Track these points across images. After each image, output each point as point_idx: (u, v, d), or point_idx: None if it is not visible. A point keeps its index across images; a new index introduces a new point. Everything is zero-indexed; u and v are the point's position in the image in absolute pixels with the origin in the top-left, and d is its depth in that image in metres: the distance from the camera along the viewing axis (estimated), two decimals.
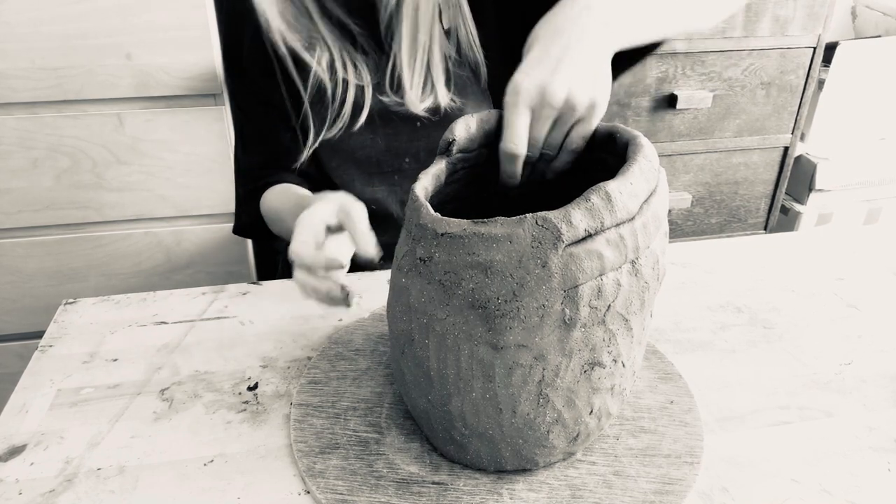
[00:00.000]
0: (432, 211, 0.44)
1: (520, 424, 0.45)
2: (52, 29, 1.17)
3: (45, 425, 0.54)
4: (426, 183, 0.48)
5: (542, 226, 0.40)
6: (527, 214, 0.41)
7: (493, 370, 0.43)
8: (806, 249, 0.79)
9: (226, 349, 0.63)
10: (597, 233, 0.41)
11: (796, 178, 1.83)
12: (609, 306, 0.43)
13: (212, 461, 0.51)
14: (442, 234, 0.42)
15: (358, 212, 0.55)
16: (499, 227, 0.41)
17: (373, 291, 0.70)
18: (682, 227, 1.74)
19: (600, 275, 0.41)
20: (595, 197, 0.41)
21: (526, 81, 0.48)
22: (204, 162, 1.33)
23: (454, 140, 0.49)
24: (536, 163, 0.53)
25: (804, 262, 0.77)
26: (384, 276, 0.73)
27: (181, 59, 1.23)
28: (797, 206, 1.85)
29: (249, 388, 0.58)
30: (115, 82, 1.23)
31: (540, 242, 0.40)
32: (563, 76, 0.48)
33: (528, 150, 0.50)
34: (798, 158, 1.80)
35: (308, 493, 0.49)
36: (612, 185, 0.42)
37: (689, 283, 0.72)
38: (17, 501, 0.48)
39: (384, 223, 0.77)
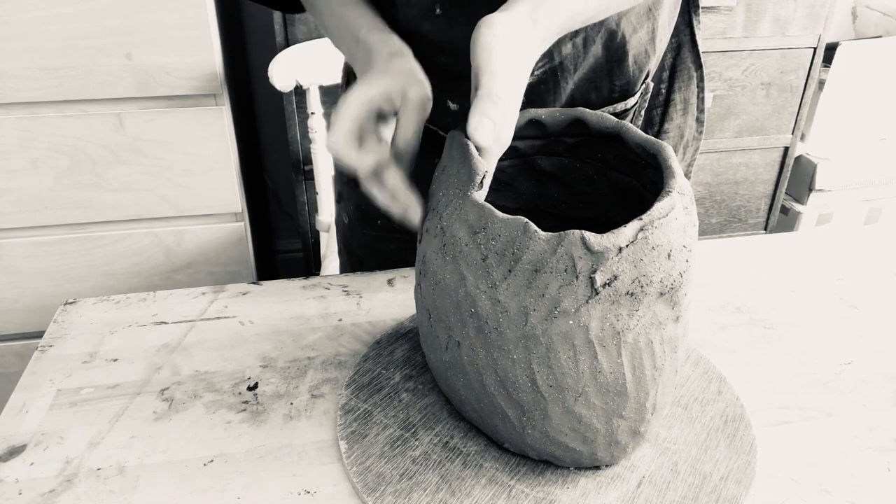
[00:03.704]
0: (591, 235, 0.40)
1: (669, 388, 0.47)
2: (52, 29, 1.17)
3: (45, 425, 0.54)
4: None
5: (681, 193, 0.44)
6: (666, 192, 0.43)
7: (677, 342, 0.45)
8: (806, 249, 0.79)
9: (226, 349, 0.63)
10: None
11: (796, 178, 1.83)
12: None
13: (212, 461, 0.51)
14: (626, 246, 0.41)
15: (416, 95, 0.44)
16: (660, 205, 0.42)
17: (371, 290, 0.70)
18: None
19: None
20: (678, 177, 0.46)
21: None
22: (204, 162, 1.33)
23: (485, 176, 0.46)
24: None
25: (804, 263, 0.77)
26: (382, 276, 0.73)
27: (181, 59, 1.23)
28: (797, 206, 1.85)
29: (249, 388, 0.58)
30: (115, 82, 1.23)
31: (683, 210, 0.44)
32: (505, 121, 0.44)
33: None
34: (798, 158, 1.80)
35: (308, 493, 0.49)
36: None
37: None
38: (17, 501, 0.48)
39: None
